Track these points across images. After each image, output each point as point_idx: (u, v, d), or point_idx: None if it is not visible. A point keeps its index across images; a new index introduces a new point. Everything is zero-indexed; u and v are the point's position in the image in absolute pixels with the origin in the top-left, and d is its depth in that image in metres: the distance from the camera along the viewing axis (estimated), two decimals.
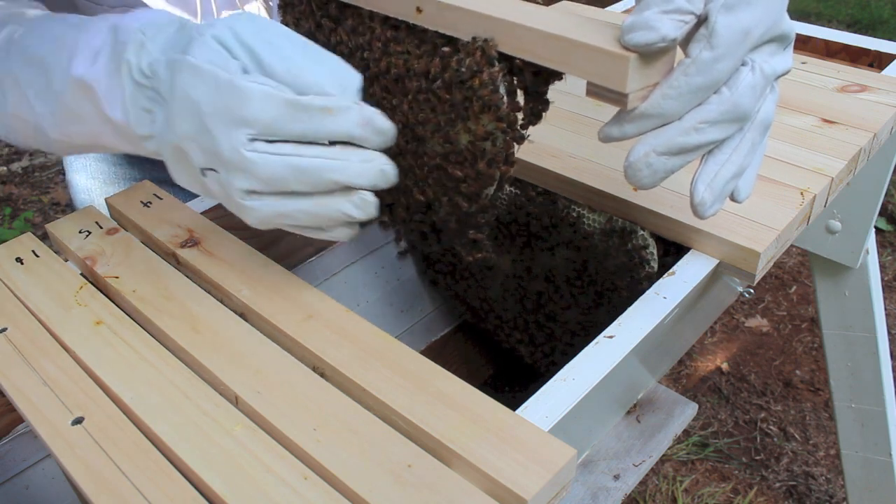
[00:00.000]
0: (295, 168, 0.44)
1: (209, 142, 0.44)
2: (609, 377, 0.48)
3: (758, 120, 0.46)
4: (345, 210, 0.46)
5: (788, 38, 0.46)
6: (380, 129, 0.46)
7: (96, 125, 0.51)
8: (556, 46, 0.43)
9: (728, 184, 0.47)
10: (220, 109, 0.43)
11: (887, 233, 2.12)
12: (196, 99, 0.44)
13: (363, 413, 0.43)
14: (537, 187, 0.68)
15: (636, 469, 0.64)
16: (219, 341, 0.48)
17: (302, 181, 0.45)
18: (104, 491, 0.40)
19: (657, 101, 0.43)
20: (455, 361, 0.93)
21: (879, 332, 1.05)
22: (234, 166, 0.44)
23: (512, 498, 0.38)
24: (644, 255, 0.61)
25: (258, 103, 0.43)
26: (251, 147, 0.43)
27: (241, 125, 0.43)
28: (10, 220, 2.22)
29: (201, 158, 0.45)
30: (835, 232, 0.97)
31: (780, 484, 1.49)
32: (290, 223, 0.47)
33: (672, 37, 0.41)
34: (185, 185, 0.50)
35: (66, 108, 0.51)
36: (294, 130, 0.44)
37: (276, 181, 0.44)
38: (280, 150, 0.44)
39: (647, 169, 0.45)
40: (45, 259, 0.57)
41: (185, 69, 0.44)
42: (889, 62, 0.87)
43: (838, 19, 3.28)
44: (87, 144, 0.54)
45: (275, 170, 0.44)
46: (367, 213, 0.47)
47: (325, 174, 0.45)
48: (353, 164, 0.45)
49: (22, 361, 0.48)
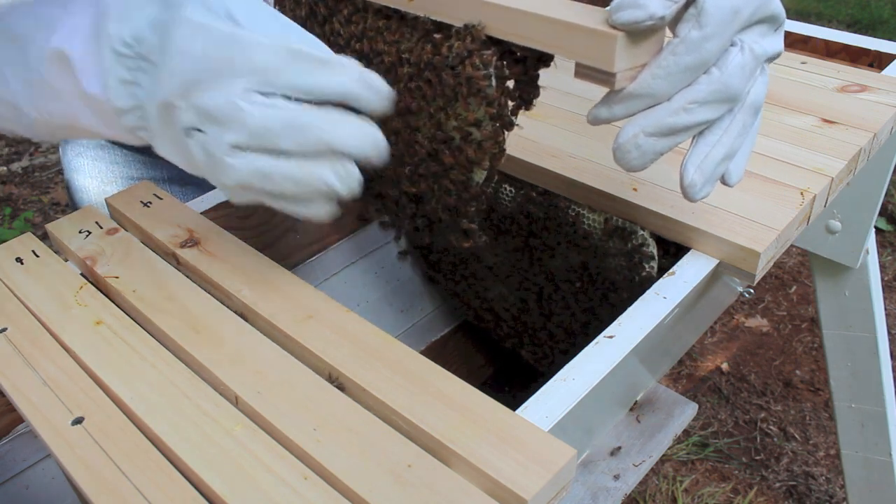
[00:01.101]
0: (287, 122, 0.43)
1: (201, 95, 0.43)
2: (609, 377, 0.48)
3: (748, 102, 0.46)
4: (327, 179, 0.44)
5: (778, 19, 0.46)
6: (378, 88, 0.45)
7: (74, 103, 0.50)
8: (544, 27, 0.44)
9: (719, 166, 0.47)
10: (218, 61, 0.43)
11: (887, 233, 2.12)
12: (193, 53, 0.43)
13: (363, 413, 0.43)
14: (537, 187, 0.68)
15: (636, 469, 0.64)
16: (219, 341, 0.48)
17: (292, 137, 0.43)
18: (104, 491, 0.40)
19: (646, 81, 0.43)
20: (455, 361, 0.94)
21: (879, 332, 1.05)
22: (224, 118, 0.43)
23: (512, 498, 0.38)
24: (644, 255, 0.61)
25: (260, 52, 0.42)
26: (246, 97, 0.43)
27: (239, 75, 0.43)
28: (10, 220, 2.22)
29: (188, 117, 0.44)
30: (835, 232, 0.97)
31: (780, 484, 1.49)
32: (269, 187, 0.45)
33: (660, 15, 0.41)
34: (166, 154, 0.49)
35: (43, 84, 0.50)
36: (292, 82, 0.43)
37: (265, 135, 0.43)
38: (275, 103, 0.43)
39: (636, 150, 0.45)
40: (45, 259, 0.57)
41: (182, 24, 0.43)
42: (889, 62, 0.87)
43: (838, 19, 3.28)
44: (66, 125, 0.53)
45: (267, 121, 0.43)
46: (349, 188, 0.45)
47: (317, 133, 0.43)
48: (346, 128, 0.44)
49: (22, 361, 0.48)
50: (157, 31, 0.45)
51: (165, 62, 0.44)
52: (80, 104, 0.50)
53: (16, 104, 0.52)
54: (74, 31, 0.48)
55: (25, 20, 0.51)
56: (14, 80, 0.51)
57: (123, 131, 0.50)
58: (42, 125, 0.54)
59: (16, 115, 0.53)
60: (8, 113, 0.54)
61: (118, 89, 0.47)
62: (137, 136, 0.50)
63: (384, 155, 0.46)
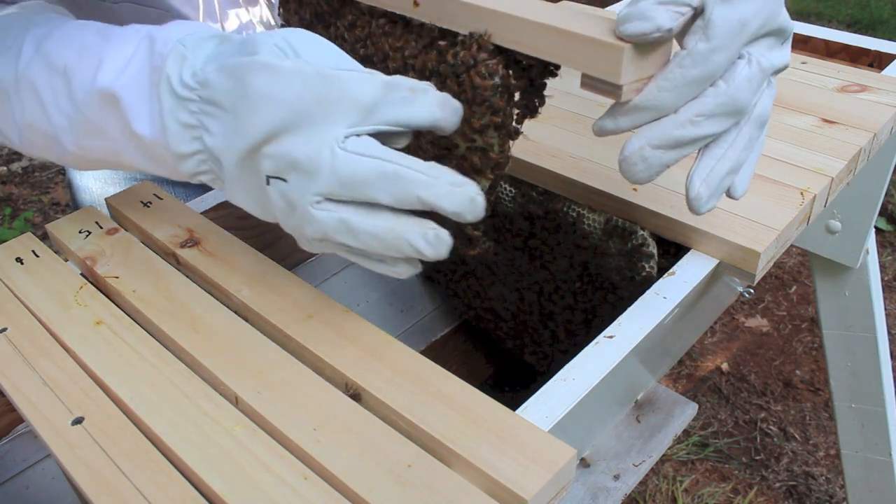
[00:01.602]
0: (384, 172, 0.41)
1: (288, 142, 0.41)
2: (609, 377, 0.48)
3: (755, 114, 0.45)
4: (415, 243, 0.42)
5: (786, 32, 0.45)
6: (455, 108, 0.44)
7: (118, 141, 0.48)
8: (551, 37, 0.43)
9: (724, 179, 0.46)
10: (311, 104, 0.41)
11: (887, 233, 2.12)
12: (280, 97, 0.41)
13: (363, 413, 0.43)
14: (537, 187, 0.68)
15: (636, 469, 0.64)
16: (219, 341, 0.48)
17: (387, 189, 0.41)
18: (104, 491, 0.40)
19: (652, 94, 0.43)
20: (455, 361, 0.93)
21: (879, 332, 1.05)
22: (312, 167, 0.41)
23: (512, 498, 0.38)
24: (644, 255, 0.61)
25: (357, 86, 0.41)
26: (343, 144, 0.41)
27: (332, 117, 0.41)
28: (10, 220, 2.22)
29: (270, 164, 0.42)
30: (835, 232, 0.97)
31: (780, 484, 1.49)
32: (351, 242, 0.43)
33: (667, 27, 0.40)
34: (237, 201, 0.47)
35: (86, 120, 0.49)
36: (389, 115, 0.42)
37: (359, 184, 0.41)
38: (372, 151, 0.41)
39: (642, 163, 0.45)
40: (45, 259, 0.57)
41: (260, 70, 0.42)
42: (889, 62, 0.87)
43: (838, 19, 3.28)
44: (103, 160, 0.52)
45: (363, 170, 0.40)
46: (437, 253, 0.42)
47: (412, 186, 0.41)
48: (441, 184, 0.41)
49: (22, 361, 0.48)
50: (229, 75, 0.43)
51: (245, 108, 0.42)
52: (126, 143, 0.48)
53: (55, 136, 0.51)
54: (124, 69, 0.46)
55: (66, 49, 0.49)
56: (55, 113, 0.50)
57: (174, 174, 0.49)
58: (78, 158, 0.52)
59: (51, 145, 0.52)
60: (42, 141, 0.52)
61: (180, 133, 0.45)
62: (196, 179, 0.48)
63: (481, 213, 0.42)
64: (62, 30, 0.52)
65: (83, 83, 0.48)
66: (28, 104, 0.51)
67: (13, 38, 0.52)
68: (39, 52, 0.50)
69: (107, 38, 0.49)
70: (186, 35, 0.46)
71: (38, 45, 0.51)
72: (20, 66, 0.51)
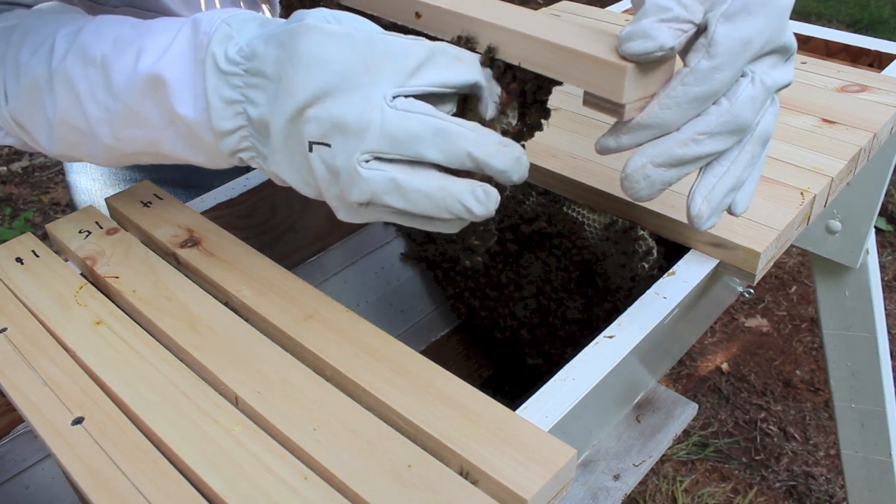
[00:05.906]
0: (434, 127, 0.41)
1: (336, 103, 0.41)
2: (609, 377, 0.48)
3: (757, 132, 0.45)
4: (465, 201, 0.41)
5: (790, 50, 0.45)
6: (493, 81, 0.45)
7: (158, 127, 0.48)
8: (554, 55, 0.43)
9: (726, 197, 0.46)
10: (358, 66, 0.41)
11: (887, 233, 2.12)
12: (329, 58, 0.41)
13: (363, 413, 0.43)
14: (537, 187, 0.68)
15: (636, 469, 0.64)
16: (219, 341, 0.48)
17: (437, 144, 0.41)
18: (104, 491, 0.40)
19: (654, 112, 0.43)
20: (455, 361, 0.93)
21: (879, 332, 1.05)
22: (362, 125, 0.41)
23: (512, 498, 0.38)
24: (644, 255, 0.61)
25: (402, 49, 0.41)
26: (392, 103, 0.41)
27: (380, 78, 0.41)
28: (10, 220, 2.22)
29: (315, 129, 0.42)
30: (835, 232, 0.97)
31: (780, 484, 1.49)
32: (399, 203, 0.42)
33: (670, 45, 0.40)
34: (280, 172, 0.46)
35: (126, 109, 0.49)
36: (434, 78, 0.42)
37: (409, 141, 0.41)
38: (420, 108, 0.41)
39: (644, 181, 0.44)
40: (45, 259, 0.57)
41: (310, 31, 0.42)
42: (889, 62, 0.87)
43: (838, 19, 3.28)
44: (138, 152, 0.52)
45: (413, 126, 0.41)
46: (486, 210, 0.42)
47: (462, 142, 0.41)
48: (490, 142, 0.41)
49: (22, 361, 0.48)
50: (277, 44, 0.43)
51: (293, 73, 0.42)
52: (165, 129, 0.48)
53: (90, 129, 0.51)
54: (166, 52, 0.47)
55: (102, 42, 0.50)
56: (91, 105, 0.50)
57: (215, 156, 0.49)
58: (111, 152, 0.52)
59: (84, 141, 0.52)
60: (75, 138, 0.52)
61: (223, 110, 0.45)
62: (236, 158, 0.48)
63: (525, 173, 0.43)
64: (95, 24, 0.52)
65: (122, 72, 0.48)
66: (62, 99, 0.51)
67: (43, 35, 0.52)
68: (74, 47, 0.50)
69: (144, 29, 0.49)
70: (231, 16, 0.46)
71: (72, 41, 0.51)
72: (54, 63, 0.51)
